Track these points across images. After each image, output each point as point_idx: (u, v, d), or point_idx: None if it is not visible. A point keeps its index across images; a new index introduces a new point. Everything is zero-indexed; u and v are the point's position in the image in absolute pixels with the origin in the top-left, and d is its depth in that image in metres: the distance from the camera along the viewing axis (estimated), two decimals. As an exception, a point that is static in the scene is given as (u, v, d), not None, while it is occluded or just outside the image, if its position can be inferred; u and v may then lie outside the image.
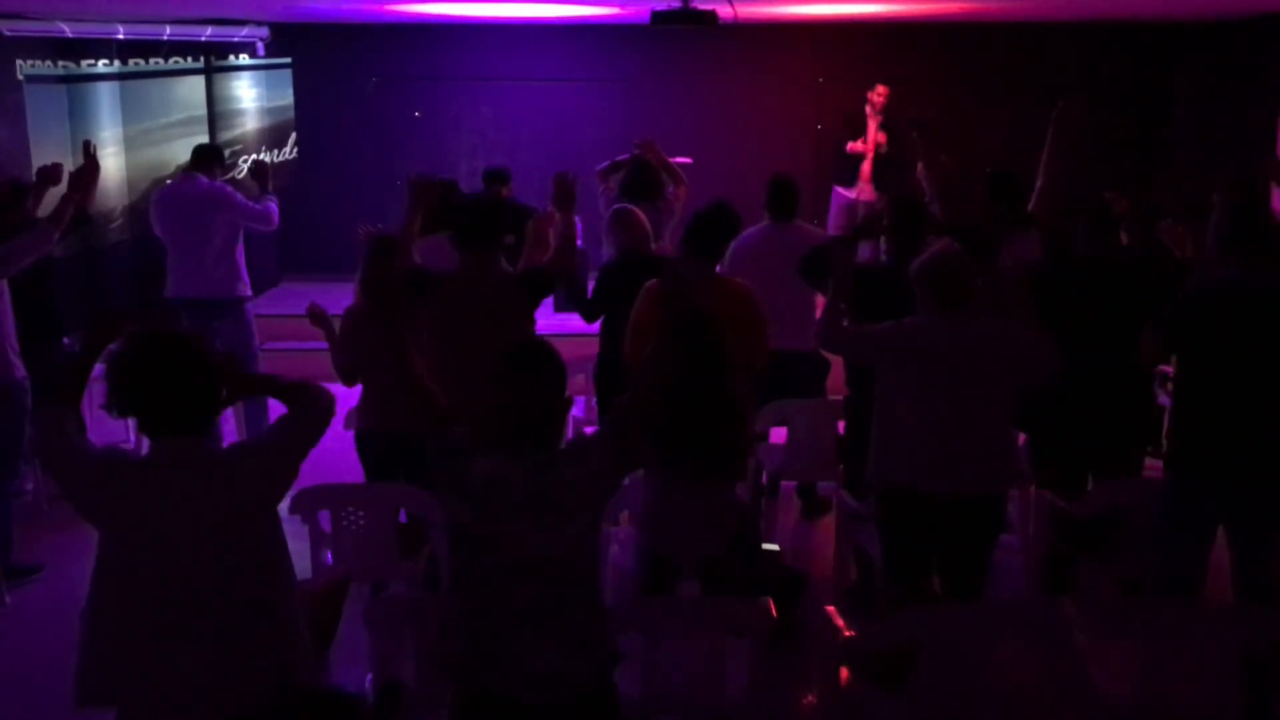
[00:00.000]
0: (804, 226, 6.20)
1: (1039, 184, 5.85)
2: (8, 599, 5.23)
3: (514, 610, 2.89)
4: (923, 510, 3.99)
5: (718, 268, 5.21)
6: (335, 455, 4.89)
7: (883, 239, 5.13)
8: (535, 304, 4.88)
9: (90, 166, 6.06)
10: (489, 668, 2.91)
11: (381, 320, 4.74)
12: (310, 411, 3.02)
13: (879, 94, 9.85)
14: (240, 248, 6.91)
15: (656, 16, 7.64)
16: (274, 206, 6.94)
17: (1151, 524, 4.03)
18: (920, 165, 5.93)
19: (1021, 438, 5.52)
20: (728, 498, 4.14)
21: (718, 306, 4.23)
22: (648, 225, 5.68)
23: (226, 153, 8.47)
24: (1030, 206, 5.78)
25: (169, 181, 7.67)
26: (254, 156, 9.69)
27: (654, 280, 4.67)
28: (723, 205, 5.05)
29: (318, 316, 4.98)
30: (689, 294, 4.06)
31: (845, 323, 4.20)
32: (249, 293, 7.01)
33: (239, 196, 6.91)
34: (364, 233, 5.67)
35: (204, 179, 6.82)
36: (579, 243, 5.66)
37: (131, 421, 3.01)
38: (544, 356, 3.00)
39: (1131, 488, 4.36)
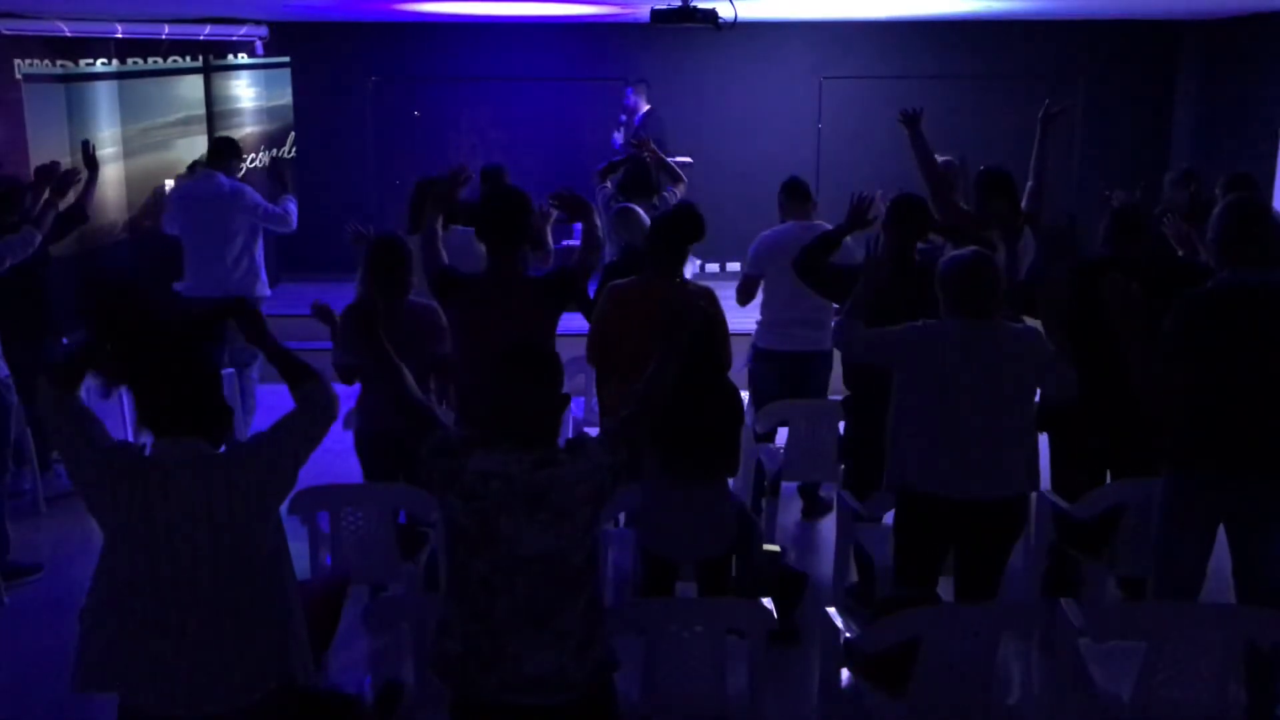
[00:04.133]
0: (825, 226, 6.17)
1: (1030, 183, 5.84)
2: (5, 599, 5.22)
3: (511, 610, 2.88)
4: (941, 515, 3.95)
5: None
6: (335, 455, 4.88)
7: (880, 236, 5.11)
8: (562, 308, 4.75)
9: (90, 170, 6.06)
10: (485, 670, 2.90)
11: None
12: (311, 406, 3.02)
13: (630, 97, 9.77)
14: (260, 247, 6.92)
15: (656, 15, 7.62)
16: (293, 207, 6.96)
17: (1153, 524, 4.01)
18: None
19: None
20: (726, 498, 4.14)
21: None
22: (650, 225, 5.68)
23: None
24: (1024, 206, 5.77)
25: (186, 180, 7.62)
26: (273, 154, 9.70)
27: (616, 282, 4.70)
28: (688, 206, 5.02)
29: (322, 312, 4.96)
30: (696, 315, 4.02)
31: (863, 326, 4.09)
32: (268, 292, 7.02)
33: (259, 198, 6.92)
34: (353, 233, 5.65)
35: (223, 177, 6.82)
36: (575, 241, 5.65)
37: (130, 419, 3.01)
38: (541, 356, 3.00)
39: (1132, 488, 4.34)
